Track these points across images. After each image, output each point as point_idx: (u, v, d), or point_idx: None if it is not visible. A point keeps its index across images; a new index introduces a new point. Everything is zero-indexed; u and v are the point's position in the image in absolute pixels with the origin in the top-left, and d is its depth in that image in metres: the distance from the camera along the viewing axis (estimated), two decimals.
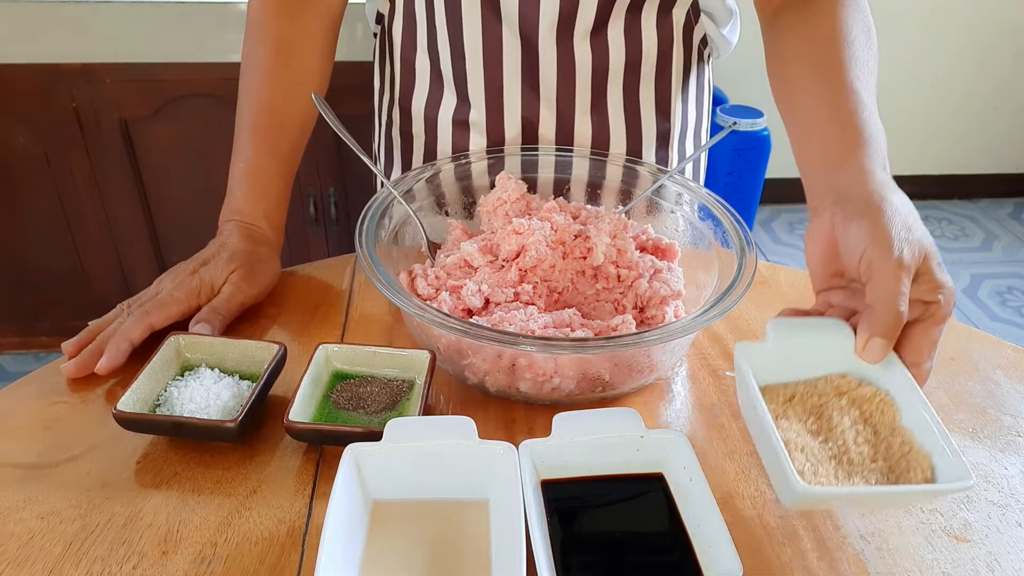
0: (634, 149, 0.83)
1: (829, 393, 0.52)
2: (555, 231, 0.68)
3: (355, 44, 1.49)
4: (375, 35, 0.87)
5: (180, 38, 1.51)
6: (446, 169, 0.78)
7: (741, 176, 2.28)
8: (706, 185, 0.76)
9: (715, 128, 2.18)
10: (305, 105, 0.78)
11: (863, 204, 0.52)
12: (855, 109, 0.59)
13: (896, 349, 0.52)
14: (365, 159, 0.73)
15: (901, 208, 0.52)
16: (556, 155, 0.80)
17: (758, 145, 2.22)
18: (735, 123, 1.11)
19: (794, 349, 0.53)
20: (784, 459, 0.44)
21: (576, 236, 0.68)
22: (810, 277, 0.57)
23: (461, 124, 0.83)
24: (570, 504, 0.49)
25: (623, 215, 0.74)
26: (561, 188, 0.80)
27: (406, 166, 0.89)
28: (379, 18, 0.84)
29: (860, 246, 0.51)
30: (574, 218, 0.73)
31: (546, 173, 0.80)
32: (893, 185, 0.55)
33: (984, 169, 2.89)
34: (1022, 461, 0.58)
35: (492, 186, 0.76)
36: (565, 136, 0.81)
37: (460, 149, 0.84)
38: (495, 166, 0.79)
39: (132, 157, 1.61)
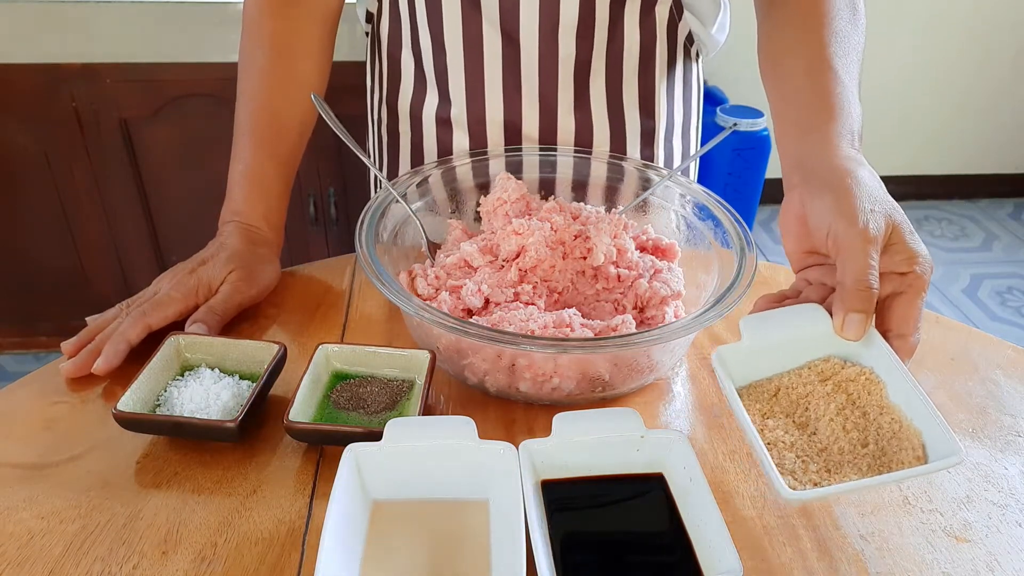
0: (618, 147, 0.83)
1: (814, 380, 0.52)
2: (555, 231, 0.68)
3: (355, 44, 1.49)
4: (366, 34, 0.87)
5: (180, 38, 1.51)
6: (447, 169, 0.78)
7: (741, 176, 2.28)
8: (706, 185, 0.76)
9: (715, 129, 2.18)
10: (304, 105, 0.78)
11: (828, 179, 0.52)
12: (830, 85, 0.59)
13: (881, 323, 0.52)
14: (365, 159, 0.73)
15: (866, 181, 0.52)
16: (557, 155, 0.80)
17: (758, 145, 2.22)
18: (735, 124, 1.11)
19: (772, 342, 0.52)
20: (770, 467, 0.45)
21: (576, 236, 0.68)
22: (787, 258, 0.57)
23: (444, 122, 0.83)
24: (570, 504, 0.49)
25: (623, 215, 0.74)
26: (562, 189, 0.80)
27: (393, 163, 0.89)
28: (369, 17, 0.84)
29: (826, 221, 0.51)
30: (574, 218, 0.73)
31: (545, 173, 0.80)
32: (860, 159, 0.54)
33: (984, 169, 2.89)
34: (1022, 461, 0.58)
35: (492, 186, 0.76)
36: (548, 134, 0.81)
37: (444, 147, 0.84)
38: (498, 166, 0.79)
39: (132, 157, 1.61)
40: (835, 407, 0.50)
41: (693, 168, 0.94)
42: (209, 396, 0.57)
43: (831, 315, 0.51)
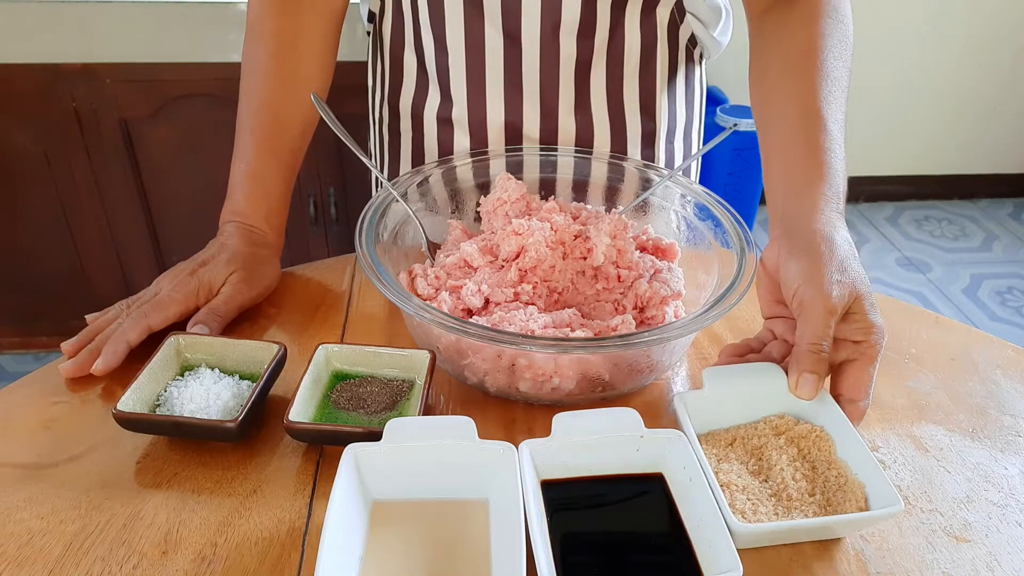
0: (619, 148, 0.84)
1: (768, 434, 0.55)
2: (555, 231, 0.68)
3: (356, 44, 1.49)
4: (368, 34, 0.87)
5: (180, 38, 1.51)
6: (447, 169, 0.78)
7: (741, 176, 2.28)
8: (706, 185, 0.76)
9: (716, 129, 2.18)
10: (306, 105, 0.78)
11: (806, 241, 0.55)
12: (819, 139, 0.61)
13: (834, 387, 0.55)
14: (365, 160, 0.73)
15: (840, 249, 0.55)
16: (558, 155, 0.80)
17: (758, 145, 2.22)
18: (736, 124, 1.11)
19: (731, 395, 0.56)
20: (722, 503, 0.48)
21: (576, 236, 0.68)
22: (758, 300, 0.61)
23: (445, 122, 0.83)
24: (570, 504, 0.49)
25: (623, 215, 0.74)
26: (562, 189, 0.80)
27: (394, 163, 0.89)
28: (371, 16, 0.84)
29: (796, 282, 0.54)
30: (574, 218, 0.73)
31: (546, 173, 0.80)
32: (839, 224, 0.57)
33: (984, 169, 2.89)
34: (1022, 461, 0.58)
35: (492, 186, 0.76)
36: (549, 134, 0.81)
37: (445, 147, 0.84)
38: (499, 166, 0.79)
39: (132, 157, 1.61)
40: (787, 458, 0.53)
41: (695, 168, 0.93)
42: (209, 396, 0.57)
43: (787, 375, 0.55)
